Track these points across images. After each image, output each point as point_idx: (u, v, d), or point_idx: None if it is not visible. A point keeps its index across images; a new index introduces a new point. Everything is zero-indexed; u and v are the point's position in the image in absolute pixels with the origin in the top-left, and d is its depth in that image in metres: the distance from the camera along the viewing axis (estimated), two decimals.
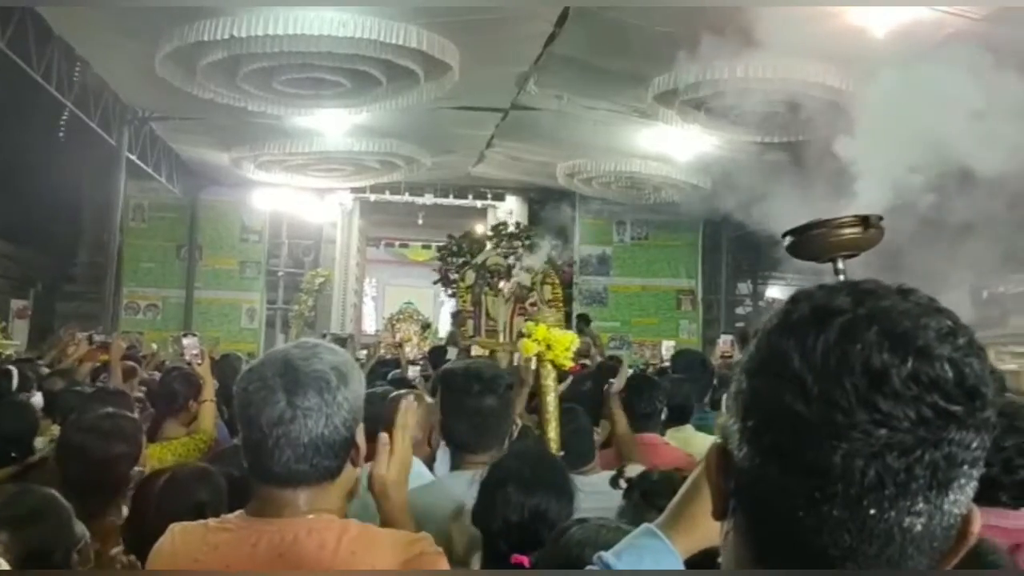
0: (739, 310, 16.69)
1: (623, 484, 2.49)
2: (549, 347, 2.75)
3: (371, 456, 2.00)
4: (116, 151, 10.74)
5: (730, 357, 5.58)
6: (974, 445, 0.64)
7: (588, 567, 1.15)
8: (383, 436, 1.57)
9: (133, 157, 11.34)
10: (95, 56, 9.09)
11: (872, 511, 0.63)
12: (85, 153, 10.94)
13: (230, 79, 8.78)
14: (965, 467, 0.64)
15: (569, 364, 2.84)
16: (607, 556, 1.14)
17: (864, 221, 1.55)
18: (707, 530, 1.11)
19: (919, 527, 0.64)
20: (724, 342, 5.76)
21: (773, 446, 0.66)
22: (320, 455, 1.40)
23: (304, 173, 13.47)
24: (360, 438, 1.46)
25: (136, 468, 2.54)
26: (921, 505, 0.64)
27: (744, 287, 16.93)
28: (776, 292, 17.09)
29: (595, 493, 2.81)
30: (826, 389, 0.63)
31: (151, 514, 2.02)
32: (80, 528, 1.85)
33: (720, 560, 0.76)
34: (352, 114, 10.01)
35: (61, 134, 10.06)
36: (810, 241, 1.60)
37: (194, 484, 2.10)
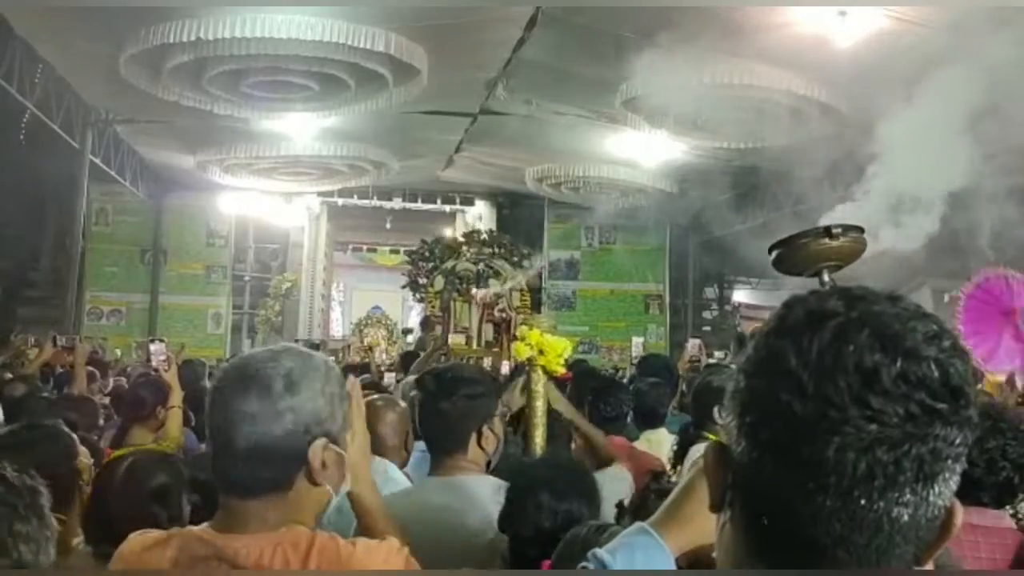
0: (706, 314, 16.84)
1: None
2: (541, 352, 2.72)
3: None
4: (79, 154, 10.58)
5: (698, 361, 5.62)
6: (957, 441, 0.68)
7: (581, 564, 1.17)
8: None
9: (97, 160, 11.18)
10: (58, 57, 8.95)
11: (862, 501, 0.67)
12: (47, 156, 10.75)
13: (196, 82, 8.70)
14: (949, 461, 0.69)
15: (561, 371, 2.82)
16: (601, 553, 1.18)
17: (827, 232, 1.57)
18: (699, 528, 1.17)
19: (906, 517, 0.68)
20: (692, 346, 5.79)
21: (770, 441, 0.70)
22: (256, 463, 1.33)
23: (271, 177, 13.38)
24: (315, 454, 1.35)
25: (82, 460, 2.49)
26: (908, 496, 0.68)
27: (711, 291, 17.09)
28: (742, 296, 17.27)
29: None
30: (821, 387, 0.67)
31: (112, 501, 2.00)
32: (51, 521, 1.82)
33: (714, 552, 0.80)
34: (320, 118, 9.97)
35: (22, 136, 9.87)
36: (791, 254, 1.61)
37: (155, 468, 2.08)
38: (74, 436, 2.54)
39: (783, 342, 0.70)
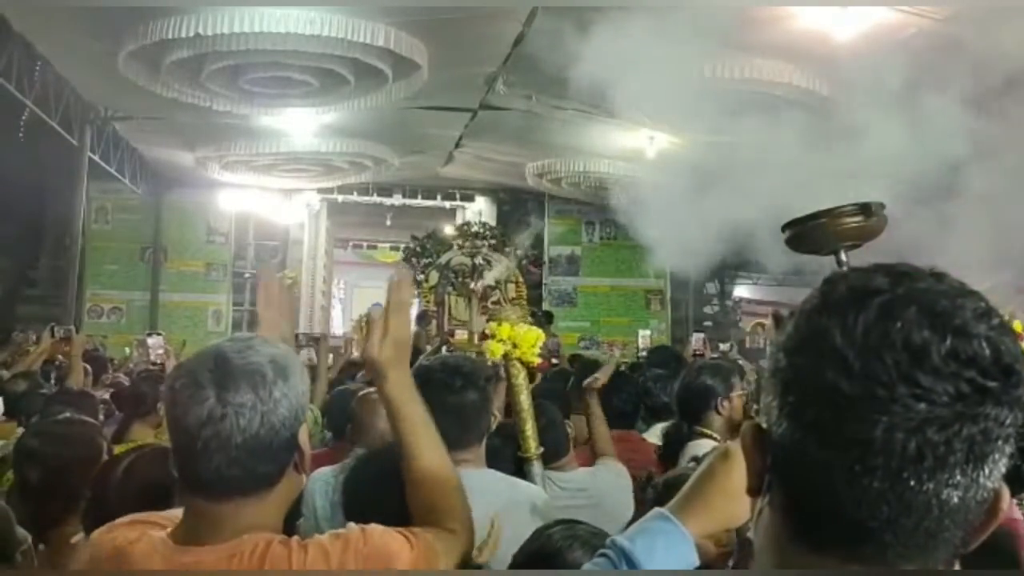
0: (707, 309, 16.81)
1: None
2: (515, 345, 2.70)
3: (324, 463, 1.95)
4: (78, 151, 10.54)
5: (701, 355, 5.59)
6: (1008, 421, 0.67)
7: (600, 552, 1.16)
8: (374, 311, 1.47)
9: (95, 157, 11.14)
10: (56, 54, 8.92)
11: (912, 483, 0.66)
12: (46, 153, 10.73)
13: (195, 78, 8.67)
14: (999, 442, 0.67)
15: (536, 360, 2.79)
16: (621, 540, 1.16)
17: (865, 209, 1.53)
18: (720, 513, 1.14)
19: (955, 499, 0.67)
20: (696, 340, 5.77)
21: (814, 421, 0.68)
22: (255, 458, 1.27)
23: (271, 174, 13.34)
24: (304, 440, 1.33)
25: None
26: (958, 478, 0.66)
27: (712, 287, 17.05)
28: (743, 292, 17.25)
29: (572, 489, 2.80)
30: (867, 365, 0.66)
31: (113, 499, 1.98)
32: (21, 532, 1.80)
33: (751, 535, 0.78)
34: (320, 114, 9.93)
35: (21, 134, 9.84)
36: (811, 232, 1.57)
37: (157, 465, 2.06)
38: (104, 437, 2.54)
39: (827, 320, 0.69)
